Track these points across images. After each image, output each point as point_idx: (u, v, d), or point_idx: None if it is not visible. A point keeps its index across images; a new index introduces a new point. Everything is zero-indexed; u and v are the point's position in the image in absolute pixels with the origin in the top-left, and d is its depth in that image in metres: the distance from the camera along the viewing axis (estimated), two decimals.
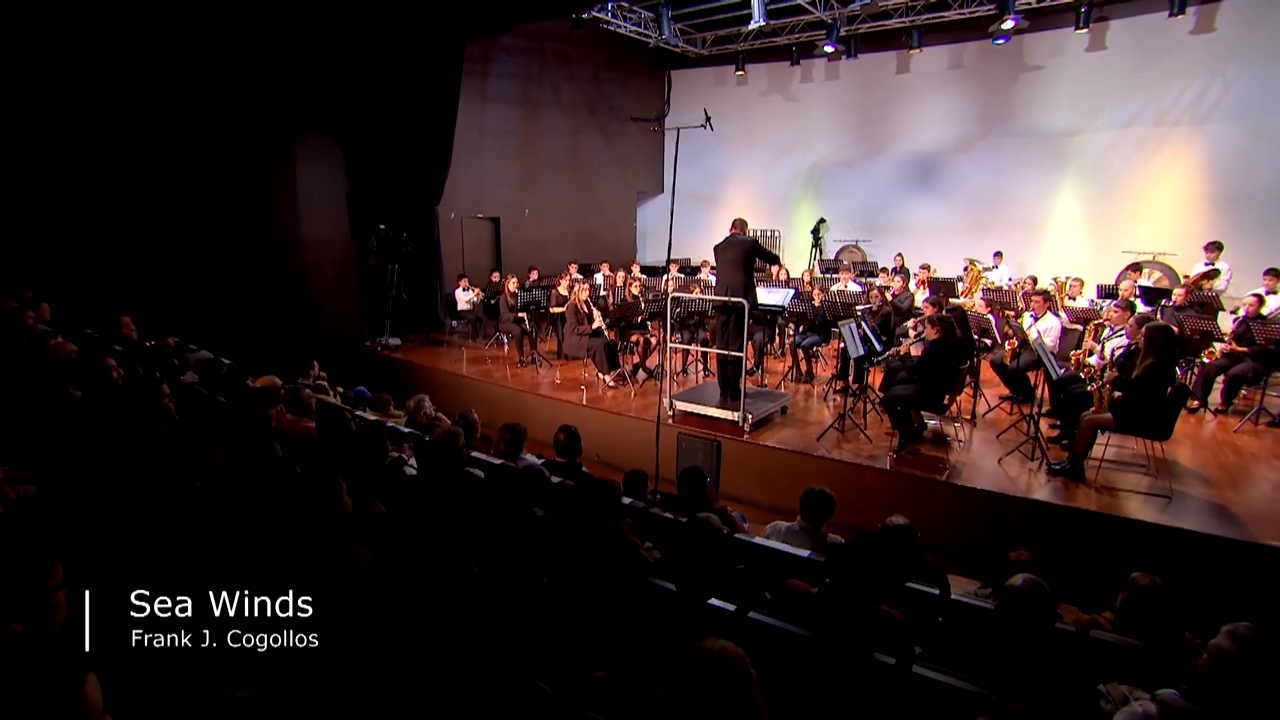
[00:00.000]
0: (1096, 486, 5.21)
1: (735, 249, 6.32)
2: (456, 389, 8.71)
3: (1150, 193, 10.77)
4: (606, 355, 7.85)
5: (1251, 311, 7.23)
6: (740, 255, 6.29)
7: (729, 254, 6.35)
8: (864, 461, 5.70)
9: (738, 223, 6.55)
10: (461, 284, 10.45)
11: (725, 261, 6.41)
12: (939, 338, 5.54)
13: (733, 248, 6.35)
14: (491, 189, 12.29)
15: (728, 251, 6.38)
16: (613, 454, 7.06)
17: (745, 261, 6.30)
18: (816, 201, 14.33)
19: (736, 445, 6.21)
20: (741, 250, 6.28)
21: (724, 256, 6.42)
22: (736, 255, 6.30)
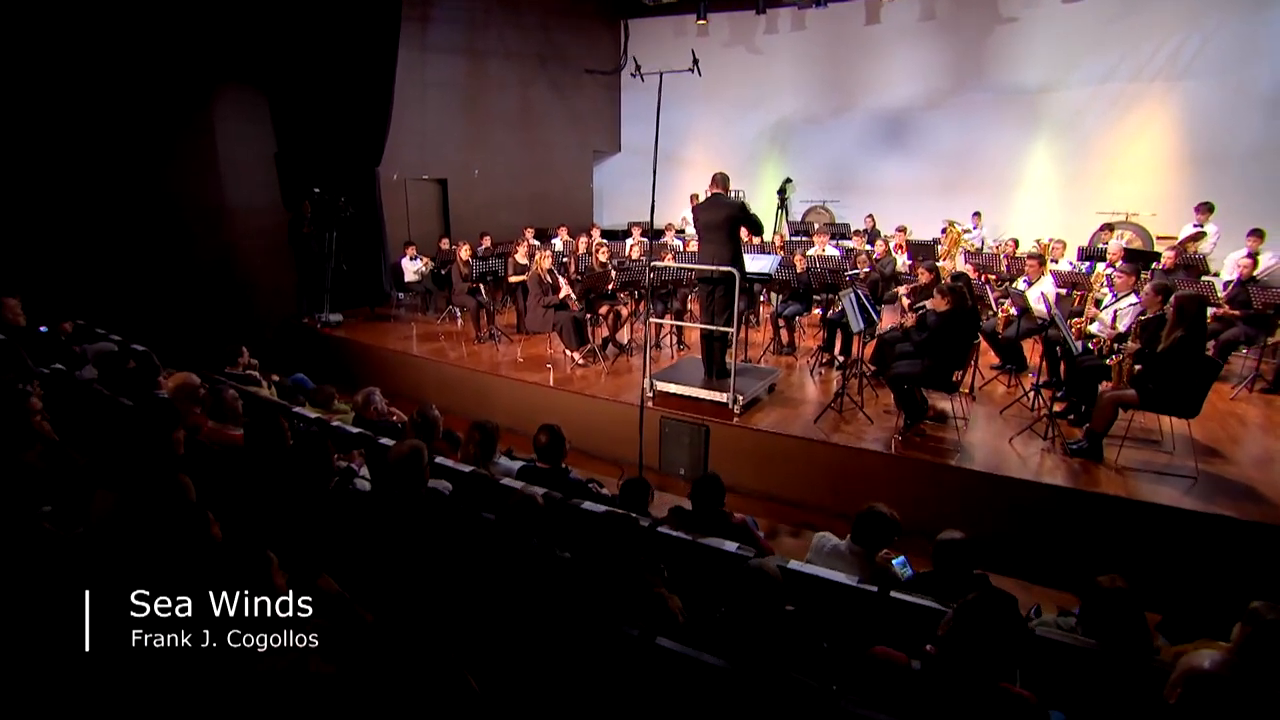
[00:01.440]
0: (1117, 467, 4.85)
1: (720, 212, 5.66)
2: (407, 371, 7.91)
3: (1125, 151, 10.52)
4: (574, 330, 7.17)
5: (1245, 274, 7.00)
6: (726, 219, 5.64)
7: (713, 216, 5.70)
8: (868, 445, 5.23)
9: (719, 179, 5.82)
10: (408, 253, 9.53)
11: (709, 225, 5.75)
12: (950, 309, 5.05)
13: (717, 209, 5.69)
14: (437, 148, 11.28)
15: (711, 213, 5.72)
16: (587, 440, 6.43)
17: (731, 226, 5.66)
18: (782, 160, 13.74)
19: (726, 429, 5.66)
20: (727, 213, 5.63)
21: (707, 218, 5.76)
22: (722, 219, 5.65)
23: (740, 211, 5.63)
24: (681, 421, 5.82)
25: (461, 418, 7.36)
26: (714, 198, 5.77)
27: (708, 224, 5.75)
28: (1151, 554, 4.36)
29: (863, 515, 3.05)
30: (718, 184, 5.78)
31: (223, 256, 9.04)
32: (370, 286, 10.06)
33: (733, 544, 2.98)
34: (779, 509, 5.39)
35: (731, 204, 5.66)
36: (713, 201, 5.75)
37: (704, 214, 5.79)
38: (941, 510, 4.95)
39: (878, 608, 2.72)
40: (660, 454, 5.99)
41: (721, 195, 5.74)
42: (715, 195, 5.76)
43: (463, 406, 7.35)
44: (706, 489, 3.25)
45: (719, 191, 5.75)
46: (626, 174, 14.96)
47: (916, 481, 5.03)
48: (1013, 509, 4.75)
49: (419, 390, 7.75)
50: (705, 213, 5.78)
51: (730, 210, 5.62)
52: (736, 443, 5.65)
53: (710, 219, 5.71)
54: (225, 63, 8.66)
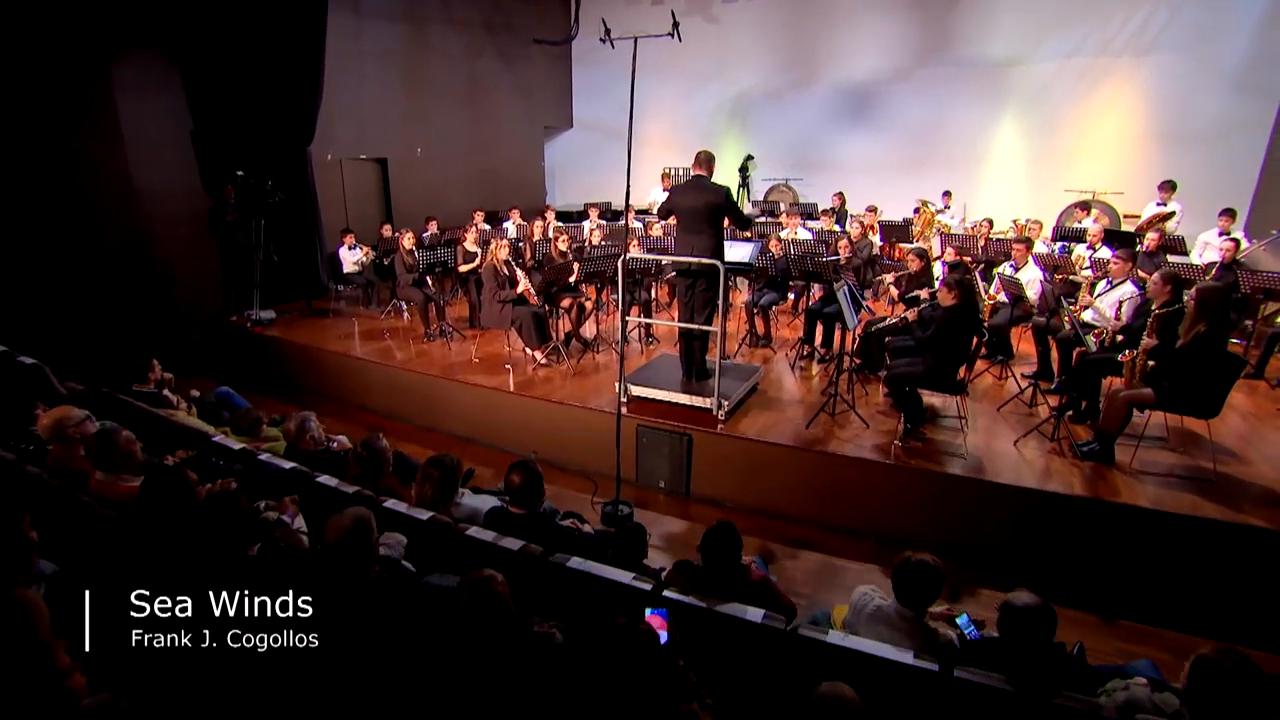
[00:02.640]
0: (1132, 471, 4.54)
1: (702, 197, 5.07)
2: (350, 375, 7.16)
3: (1092, 128, 10.34)
4: (535, 327, 6.54)
5: (1228, 257, 6.81)
6: (708, 207, 5.06)
7: (694, 201, 5.11)
8: (867, 454, 4.79)
9: (702, 158, 5.18)
10: (346, 241, 8.68)
11: (689, 212, 5.16)
12: (957, 304, 4.63)
13: (698, 194, 5.10)
14: (375, 124, 10.35)
15: (692, 197, 5.12)
16: (556, 450, 5.87)
17: (714, 215, 5.09)
18: (742, 136, 13.21)
19: (710, 438, 5.16)
20: (711, 201, 5.05)
21: (687, 203, 5.16)
22: (703, 206, 5.07)
23: (726, 200, 5.05)
24: (660, 430, 5.29)
25: (412, 427, 6.70)
26: (696, 180, 5.17)
27: (688, 210, 5.17)
28: (1177, 567, 4.06)
29: (905, 569, 2.56)
30: (701, 164, 5.17)
31: (135, 246, 8.08)
32: (306, 279, 9.18)
33: (757, 611, 2.48)
34: (772, 525, 4.94)
35: (716, 190, 5.08)
36: (695, 185, 5.16)
37: (683, 198, 5.20)
38: (949, 522, 4.58)
39: (939, 688, 2.27)
40: (637, 465, 5.47)
41: (704, 178, 5.15)
42: (698, 178, 5.16)
43: (413, 414, 6.69)
44: (719, 543, 2.72)
45: (702, 174, 5.15)
46: (580, 151, 14.23)
47: (921, 492, 4.63)
48: (1026, 520, 4.40)
49: (364, 396, 7.04)
50: (685, 196, 5.19)
51: (714, 197, 5.04)
52: (722, 452, 5.16)
53: (691, 204, 5.13)
54: (124, 26, 7.63)
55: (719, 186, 5.12)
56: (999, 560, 4.45)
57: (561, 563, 2.81)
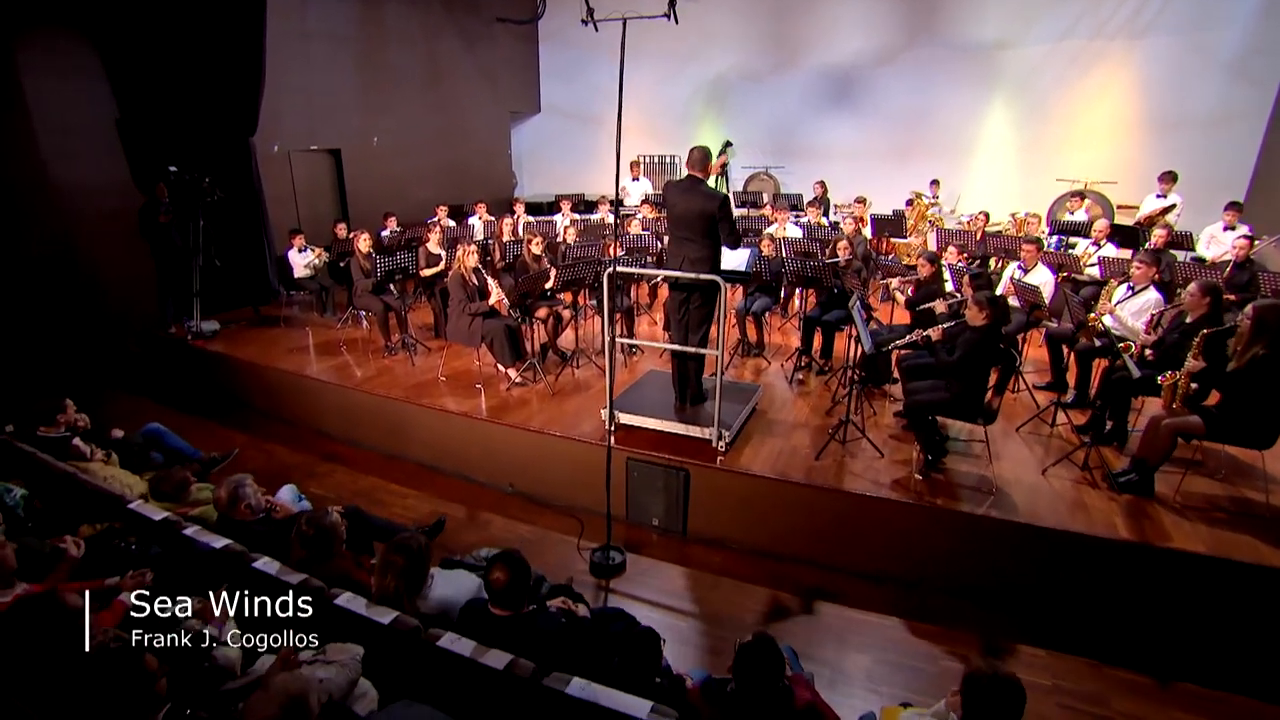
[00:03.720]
0: (1177, 506, 4.13)
1: (696, 202, 4.49)
2: (303, 396, 6.46)
3: (1084, 114, 9.96)
4: (508, 343, 5.92)
5: (1242, 255, 6.46)
6: (702, 215, 4.49)
7: (688, 206, 4.52)
8: (887, 492, 4.30)
9: (697, 157, 4.56)
10: (295, 243, 7.89)
11: (682, 218, 4.58)
12: (988, 324, 4.14)
13: (692, 198, 4.51)
14: (327, 112, 9.51)
15: (686, 201, 4.53)
16: (535, 483, 5.31)
17: (709, 224, 4.52)
18: (720, 122, 12.60)
19: (710, 474, 4.62)
20: (705, 207, 4.48)
21: (680, 208, 4.57)
22: (697, 213, 4.49)
23: (720, 210, 4.47)
24: (653, 464, 4.74)
25: (375, 454, 6.05)
26: (689, 182, 4.59)
27: (681, 216, 4.58)
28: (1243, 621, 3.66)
29: (978, 690, 2.06)
30: (694, 164, 4.57)
31: (55, 248, 7.19)
32: (253, 284, 8.39)
33: None
34: (780, 570, 4.45)
35: (711, 197, 4.50)
36: (688, 187, 4.57)
37: (676, 201, 4.61)
38: (978, 565, 4.14)
39: None
40: (628, 499, 4.92)
41: (699, 181, 4.56)
42: (692, 179, 4.58)
43: (376, 440, 6.05)
44: (757, 663, 2.18)
45: (697, 175, 4.57)
46: (548, 137, 13.48)
47: (948, 533, 4.17)
48: (1066, 565, 3.97)
49: (320, 419, 6.37)
50: (677, 198, 4.60)
51: (709, 204, 4.47)
52: (723, 489, 4.64)
53: (684, 210, 4.55)
54: (27, 2, 6.71)
55: (714, 193, 4.55)
56: (1035, 609, 4.02)
57: (560, 688, 2.25)
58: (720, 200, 4.50)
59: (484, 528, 4.97)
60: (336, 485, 5.53)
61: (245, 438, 6.37)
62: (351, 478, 5.69)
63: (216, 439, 6.33)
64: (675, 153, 12.87)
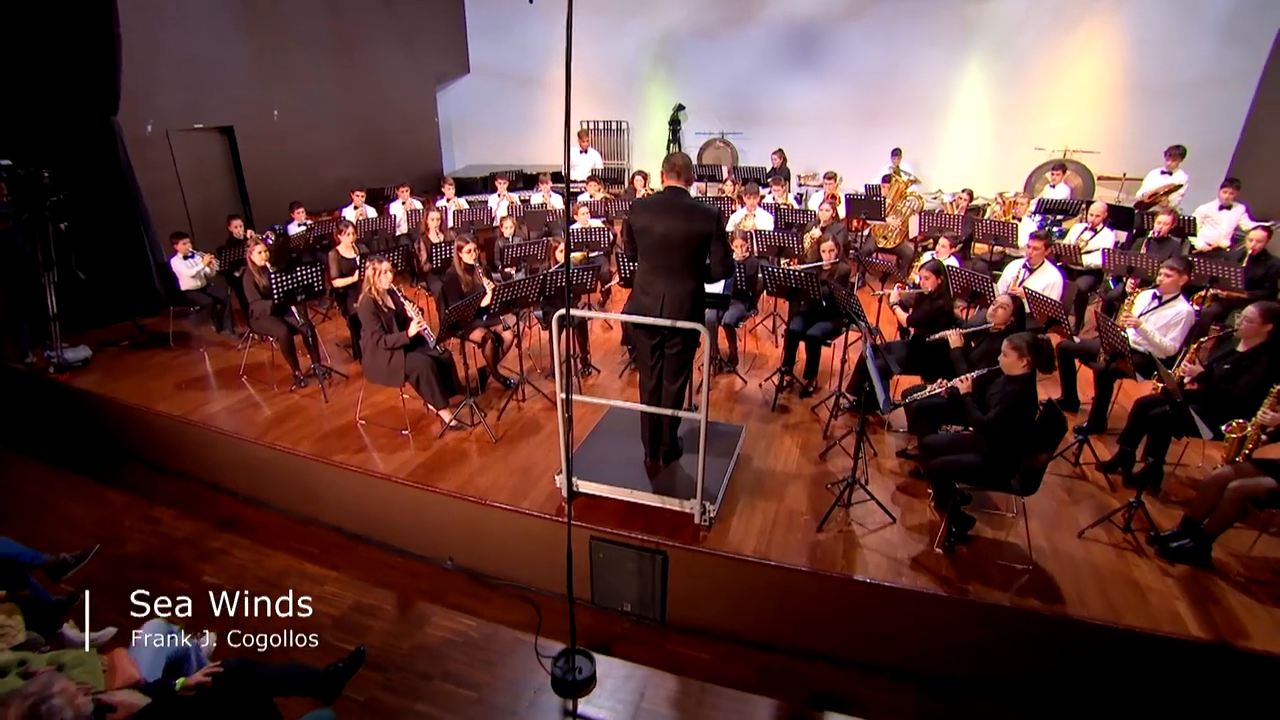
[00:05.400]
0: (1241, 580, 3.51)
1: (682, 223, 3.54)
2: (196, 448, 5.36)
3: (1066, 76, 9.21)
4: (437, 380, 4.92)
5: (1259, 248, 5.87)
6: (691, 239, 3.55)
7: (668, 226, 3.56)
8: (907, 578, 3.56)
9: (678, 164, 3.63)
10: (179, 248, 6.58)
11: (662, 242, 3.60)
12: (1028, 372, 3.38)
13: (677, 217, 3.55)
14: (213, 83, 8.03)
15: (666, 221, 3.56)
16: (480, 557, 4.43)
17: (696, 251, 3.60)
18: (670, 83, 11.45)
19: (693, 557, 3.80)
20: (696, 230, 3.54)
21: (659, 230, 3.59)
22: (683, 237, 3.55)
23: (717, 228, 3.55)
24: (622, 545, 3.89)
25: (283, 518, 5.04)
26: (670, 197, 3.62)
27: (659, 242, 3.61)
28: None
29: None
30: (675, 172, 3.61)
31: None
32: (134, 292, 7.09)
33: None
34: (781, 665, 3.72)
35: (705, 214, 3.55)
36: (668, 204, 3.60)
37: (651, 223, 3.62)
38: (1016, 662, 3.47)
39: None
40: (593, 582, 4.09)
41: (684, 194, 3.62)
42: (672, 193, 3.62)
43: (285, 500, 5.07)
44: None
45: (678, 186, 3.61)
46: (479, 102, 12.10)
47: (981, 628, 3.47)
48: (1127, 667, 3.32)
49: (216, 473, 5.32)
50: (654, 221, 3.61)
51: (702, 224, 3.53)
52: (710, 574, 3.83)
53: (665, 234, 3.57)
54: None
55: (705, 208, 3.60)
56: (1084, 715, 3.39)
57: None
58: (715, 216, 3.56)
59: (418, 626, 4.07)
60: (237, 571, 4.52)
61: (125, 499, 5.30)
62: (255, 557, 4.68)
63: (90, 503, 5.26)
64: (623, 118, 11.71)
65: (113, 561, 4.54)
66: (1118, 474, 4.44)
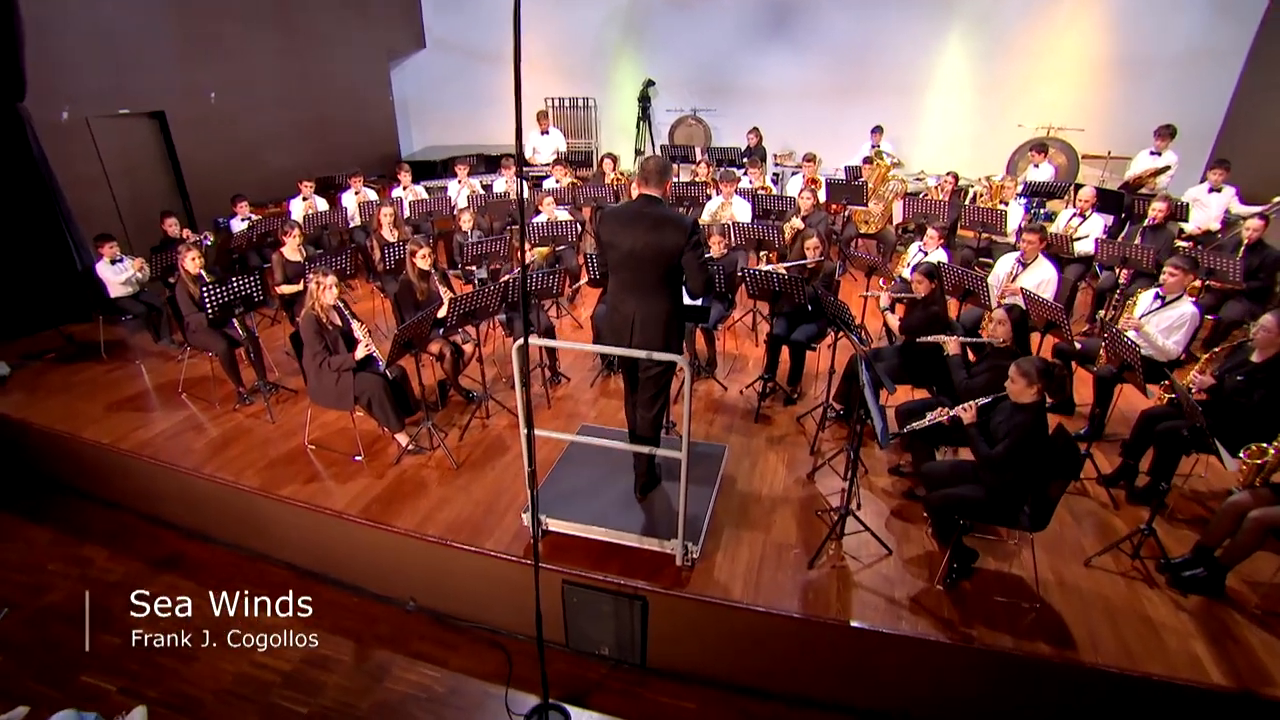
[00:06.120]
0: (1258, 613, 3.30)
1: (655, 235, 3.18)
2: (130, 480, 4.89)
3: (1050, 51, 8.85)
4: (390, 402, 4.50)
5: (1256, 237, 5.63)
6: (665, 252, 3.20)
7: (641, 240, 3.20)
8: (907, 621, 3.28)
9: (653, 168, 3.25)
10: (105, 252, 6.00)
11: (633, 257, 3.25)
12: (1038, 400, 3.08)
13: (650, 229, 3.18)
14: (138, 62, 7.33)
15: (637, 234, 3.20)
16: (445, 597, 4.09)
17: (670, 266, 3.24)
18: (639, 57, 10.89)
19: (675, 603, 3.48)
20: (669, 244, 3.18)
21: (629, 243, 3.23)
22: (654, 252, 3.20)
23: (689, 240, 3.17)
24: (597, 590, 3.56)
25: (231, 554, 4.63)
26: (642, 206, 3.25)
27: (630, 257, 3.25)
28: None
29: None
30: (650, 178, 3.24)
31: None
32: (59, 297, 6.52)
33: None
34: (765, 711, 3.45)
35: (679, 224, 3.18)
36: (639, 214, 3.23)
37: (621, 236, 3.25)
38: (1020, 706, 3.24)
39: None
40: (566, 626, 3.77)
41: (656, 203, 3.24)
42: (646, 202, 3.25)
43: (232, 535, 4.67)
44: None
45: (652, 195, 3.24)
46: (437, 79, 11.42)
47: (988, 676, 3.22)
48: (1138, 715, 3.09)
49: (156, 505, 4.89)
50: (625, 233, 3.24)
51: (674, 236, 3.17)
52: (693, 620, 3.53)
53: (636, 247, 3.21)
54: None
55: (679, 218, 3.22)
56: None
57: None
58: (689, 229, 3.18)
59: (378, 680, 3.72)
60: (174, 620, 4.10)
61: (51, 535, 4.86)
62: (199, 603, 4.26)
63: (9, 543, 4.79)
64: (590, 94, 11.14)
65: (33, 616, 4.11)
66: (1120, 488, 4.22)
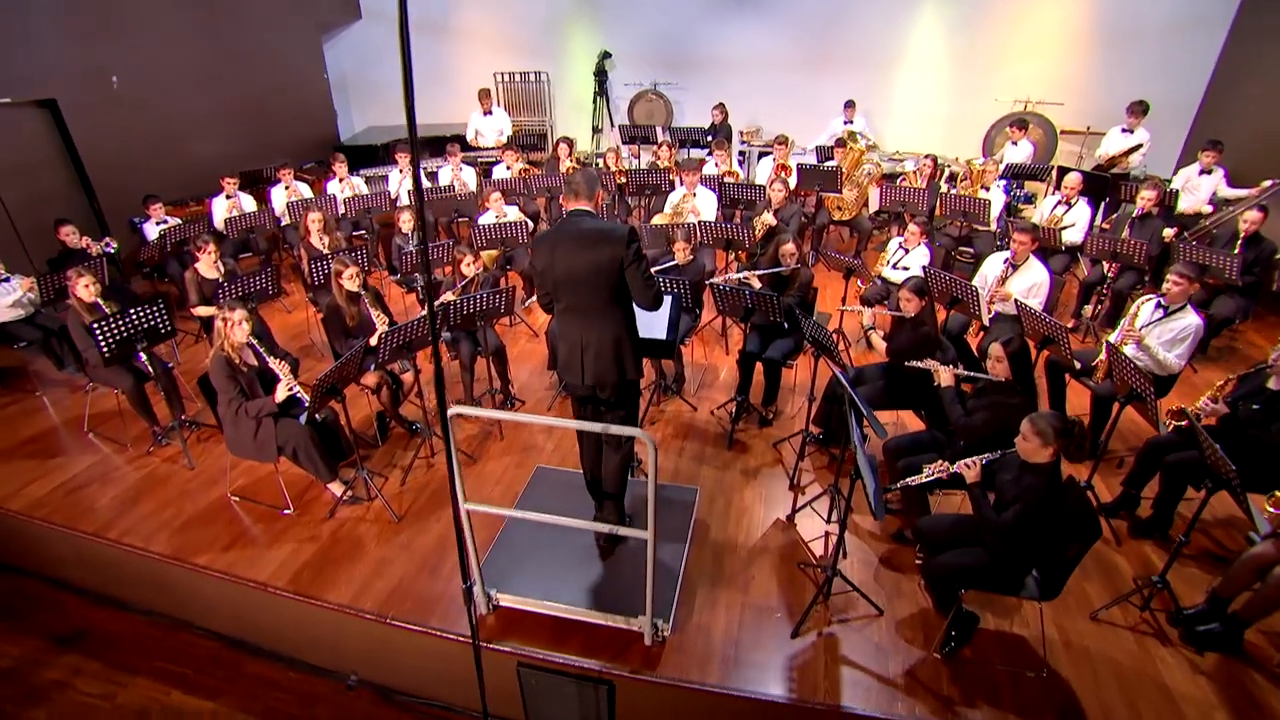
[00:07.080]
0: None
1: (592, 251, 2.82)
2: (28, 543, 4.31)
3: (1029, 19, 8.34)
4: (319, 449, 3.98)
5: (1252, 229, 5.31)
6: (599, 270, 2.83)
7: (577, 259, 2.84)
8: (901, 704, 2.94)
9: (580, 182, 2.93)
10: None
11: (572, 279, 2.89)
12: (1053, 462, 2.70)
13: (585, 246, 2.82)
14: (18, 43, 6.44)
15: (573, 253, 2.85)
16: (390, 673, 3.64)
17: (615, 282, 2.86)
18: (594, 28, 10.15)
19: (644, 689, 3.09)
20: (606, 257, 2.81)
21: (566, 263, 2.87)
22: (591, 269, 2.83)
23: (628, 248, 2.80)
24: (557, 674, 3.15)
25: (145, 621, 4.12)
26: (570, 222, 2.90)
27: (568, 278, 2.89)
28: None
29: None
30: (579, 191, 2.92)
31: None
32: None
33: None
34: None
35: (611, 235, 2.81)
36: (577, 229, 2.86)
37: (555, 257, 2.89)
38: None
39: None
40: (526, 709, 3.36)
41: (590, 215, 2.91)
42: (574, 216, 2.90)
43: (147, 602, 4.15)
44: None
45: (584, 208, 2.91)
46: (375, 52, 10.54)
47: None
48: None
49: (57, 567, 4.33)
50: (559, 254, 2.87)
51: (611, 247, 2.80)
52: (666, 704, 3.14)
53: (574, 267, 2.85)
54: None
55: (614, 229, 2.84)
56: None
57: None
58: (626, 233, 2.80)
59: None
60: (80, 714, 3.60)
61: None
62: (108, 688, 3.75)
63: None
64: (541, 68, 10.40)
65: None
66: (1121, 518, 3.92)
